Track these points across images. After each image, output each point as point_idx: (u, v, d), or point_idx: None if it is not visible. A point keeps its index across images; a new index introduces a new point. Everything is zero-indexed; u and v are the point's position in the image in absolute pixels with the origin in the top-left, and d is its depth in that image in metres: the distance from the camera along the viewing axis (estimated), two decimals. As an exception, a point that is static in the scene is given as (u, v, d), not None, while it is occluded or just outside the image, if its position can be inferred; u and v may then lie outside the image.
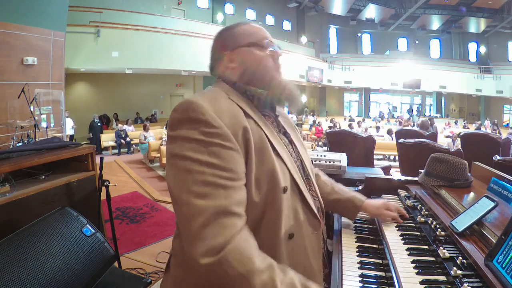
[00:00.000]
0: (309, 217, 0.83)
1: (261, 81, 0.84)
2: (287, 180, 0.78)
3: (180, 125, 0.69)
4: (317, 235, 0.85)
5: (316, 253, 0.84)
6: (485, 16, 17.90)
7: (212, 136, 0.67)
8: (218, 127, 0.68)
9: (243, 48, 0.85)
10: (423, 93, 20.46)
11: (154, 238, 3.16)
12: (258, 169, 0.73)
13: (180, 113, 0.70)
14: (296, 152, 0.90)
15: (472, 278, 0.72)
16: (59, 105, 4.81)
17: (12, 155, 1.81)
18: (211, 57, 0.90)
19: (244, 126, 0.72)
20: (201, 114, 0.68)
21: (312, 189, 0.90)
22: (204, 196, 0.63)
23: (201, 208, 0.62)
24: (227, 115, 0.71)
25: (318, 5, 19.06)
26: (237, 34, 0.86)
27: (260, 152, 0.74)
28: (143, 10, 12.01)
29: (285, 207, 0.76)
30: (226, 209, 0.63)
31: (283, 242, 0.76)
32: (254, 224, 0.73)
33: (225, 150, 0.67)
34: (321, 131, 11.00)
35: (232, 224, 0.63)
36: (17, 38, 4.25)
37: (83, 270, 1.37)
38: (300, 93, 0.92)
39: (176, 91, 13.72)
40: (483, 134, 4.30)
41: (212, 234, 0.61)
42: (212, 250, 0.60)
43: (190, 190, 0.64)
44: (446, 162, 1.24)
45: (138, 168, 6.98)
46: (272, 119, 0.88)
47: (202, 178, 0.64)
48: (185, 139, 0.67)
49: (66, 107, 5.66)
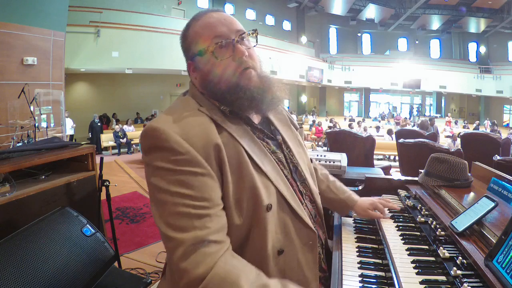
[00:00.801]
0: (301, 229, 0.78)
1: (219, 90, 0.75)
2: (271, 195, 0.73)
3: (149, 152, 0.67)
4: (312, 245, 0.80)
5: (311, 264, 0.80)
6: (485, 16, 17.91)
7: (180, 164, 0.64)
8: (185, 153, 0.65)
9: (198, 57, 0.77)
10: (423, 93, 20.48)
11: (154, 238, 3.16)
12: (237, 189, 0.69)
13: (147, 139, 0.68)
14: (289, 155, 0.85)
15: (472, 278, 0.72)
16: (59, 105, 4.80)
17: (12, 155, 1.81)
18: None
19: (216, 144, 0.68)
20: (165, 142, 0.65)
21: (308, 193, 0.87)
22: (180, 229, 0.62)
23: (179, 240, 0.61)
24: (196, 134, 0.67)
25: (318, 5, 19.07)
26: (190, 40, 0.78)
27: (238, 170, 0.70)
28: (143, 10, 12.03)
29: (270, 225, 0.72)
30: (203, 239, 0.61)
31: (272, 259, 0.73)
32: (239, 244, 0.71)
33: (196, 177, 0.64)
34: (321, 131, 11.00)
35: (212, 252, 0.61)
36: (17, 38, 4.24)
37: (83, 270, 1.36)
38: (300, 92, 0.88)
39: (176, 91, 13.73)
40: (483, 134, 4.30)
41: (192, 266, 0.59)
42: (193, 282, 0.59)
43: (167, 223, 0.63)
44: (446, 162, 1.24)
45: (138, 168, 6.98)
46: (260, 120, 0.83)
47: (176, 209, 0.63)
48: (155, 168, 0.66)
49: (66, 107, 5.66)
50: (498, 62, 18.55)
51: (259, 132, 0.81)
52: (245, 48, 0.76)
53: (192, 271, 0.59)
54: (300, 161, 0.87)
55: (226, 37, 0.75)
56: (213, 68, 0.75)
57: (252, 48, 0.79)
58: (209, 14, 0.78)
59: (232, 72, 0.74)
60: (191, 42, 0.77)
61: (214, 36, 0.74)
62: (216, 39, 0.74)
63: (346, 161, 2.15)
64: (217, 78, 0.75)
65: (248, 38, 0.79)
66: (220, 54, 0.74)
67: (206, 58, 0.75)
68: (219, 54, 0.74)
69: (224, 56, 0.74)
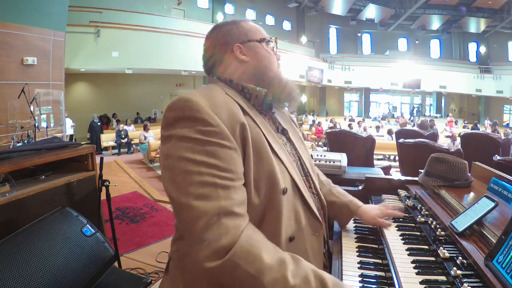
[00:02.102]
0: (310, 219, 0.81)
1: (267, 76, 0.84)
2: (286, 181, 0.76)
3: (175, 124, 0.66)
4: (318, 237, 0.83)
5: (316, 255, 0.83)
6: (485, 16, 17.90)
7: (209, 135, 0.65)
8: (216, 126, 0.65)
9: (255, 43, 0.85)
10: (423, 93, 20.47)
11: (154, 238, 3.16)
12: (257, 169, 0.71)
13: (175, 111, 0.67)
14: (295, 150, 0.88)
15: (472, 278, 0.72)
16: (59, 105, 4.80)
17: (12, 155, 1.81)
18: (210, 54, 0.87)
19: (242, 122, 0.70)
20: (197, 112, 0.65)
21: (312, 187, 0.89)
22: (204, 198, 0.61)
23: (202, 210, 0.60)
24: (225, 110, 0.69)
25: (318, 5, 19.06)
26: (247, 28, 0.86)
27: (258, 152, 0.72)
28: (143, 10, 12.02)
29: (285, 209, 0.74)
30: (227, 210, 0.61)
31: (284, 245, 0.74)
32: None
33: (223, 149, 0.65)
34: (321, 131, 11.00)
35: (235, 225, 0.61)
36: (17, 38, 4.24)
37: (83, 270, 1.36)
38: (300, 92, 0.91)
39: (176, 91, 13.73)
40: (483, 134, 4.30)
41: (216, 237, 0.59)
42: (217, 253, 0.58)
43: (188, 192, 0.61)
44: (446, 162, 1.24)
45: (138, 168, 6.98)
46: (269, 117, 0.87)
47: (201, 179, 0.62)
48: (181, 139, 0.65)
49: (66, 107, 5.65)
50: (498, 62, 18.54)
51: (272, 125, 0.86)
52: None
53: (216, 242, 0.59)
54: (303, 156, 0.90)
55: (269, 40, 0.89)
56: (269, 56, 0.87)
57: None
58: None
59: (277, 67, 0.88)
60: (249, 30, 0.86)
61: (265, 36, 0.88)
62: (267, 38, 0.88)
63: (346, 161, 2.15)
64: (269, 64, 0.86)
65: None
66: (270, 50, 0.88)
67: (264, 46, 0.87)
68: (271, 48, 0.88)
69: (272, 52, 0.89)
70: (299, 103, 0.91)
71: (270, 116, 0.88)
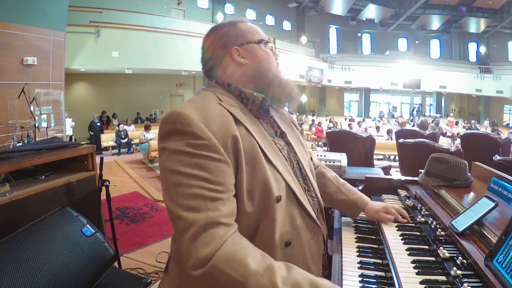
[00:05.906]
0: (308, 223, 0.82)
1: (266, 78, 0.84)
2: (281, 188, 0.77)
3: (168, 137, 0.69)
4: (317, 240, 0.84)
5: (315, 258, 0.83)
6: (485, 16, 17.90)
7: (199, 148, 0.67)
8: (206, 139, 0.68)
9: (253, 45, 0.85)
10: (423, 93, 20.46)
11: (154, 238, 3.16)
12: (250, 179, 0.72)
13: (168, 125, 0.70)
14: (293, 154, 0.88)
15: (472, 278, 0.72)
16: (59, 105, 4.81)
17: (12, 155, 1.81)
18: (208, 57, 0.86)
19: (233, 135, 0.72)
20: (188, 126, 0.68)
21: (311, 189, 0.89)
22: (192, 209, 0.64)
23: (191, 221, 0.63)
24: (217, 123, 0.71)
25: (318, 5, 19.06)
26: (245, 30, 0.86)
27: (252, 162, 0.73)
28: (143, 10, 12.02)
29: (279, 216, 0.75)
30: (214, 221, 0.63)
31: (279, 250, 0.76)
32: (248, 234, 0.73)
33: (212, 162, 0.67)
34: (321, 131, 11.00)
35: (221, 233, 0.63)
36: (17, 38, 4.25)
37: (83, 270, 1.36)
38: (300, 92, 0.92)
39: (176, 91, 13.73)
40: (483, 134, 4.29)
41: (201, 245, 0.61)
42: (201, 261, 0.60)
43: (179, 203, 0.64)
44: (446, 162, 1.24)
45: (138, 168, 6.98)
46: (267, 121, 0.87)
47: (190, 191, 0.65)
48: (173, 152, 0.68)
49: (66, 107, 5.66)
50: (498, 62, 18.52)
51: (270, 129, 0.86)
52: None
53: (201, 250, 0.61)
54: (301, 159, 0.89)
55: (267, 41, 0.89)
56: (268, 56, 0.87)
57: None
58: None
59: (276, 67, 0.88)
60: (247, 31, 0.86)
61: (263, 37, 0.88)
62: (265, 39, 0.88)
63: (346, 161, 2.15)
64: (268, 65, 0.86)
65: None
66: (268, 50, 0.88)
67: (262, 47, 0.86)
68: (270, 48, 0.89)
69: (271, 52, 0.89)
70: (299, 102, 0.91)
71: (268, 119, 0.87)
